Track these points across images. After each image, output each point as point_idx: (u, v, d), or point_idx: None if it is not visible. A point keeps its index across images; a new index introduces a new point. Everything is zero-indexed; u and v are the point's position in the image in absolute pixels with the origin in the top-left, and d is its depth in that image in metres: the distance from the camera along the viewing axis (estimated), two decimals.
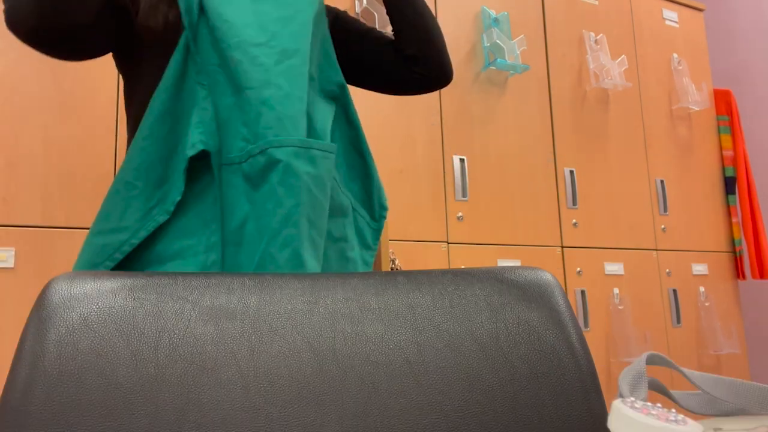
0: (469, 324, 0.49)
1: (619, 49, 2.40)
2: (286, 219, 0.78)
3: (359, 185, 0.96)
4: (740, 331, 2.46)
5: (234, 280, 0.49)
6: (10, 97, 1.39)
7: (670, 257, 2.35)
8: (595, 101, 2.30)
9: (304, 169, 0.79)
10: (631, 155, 2.35)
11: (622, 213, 2.27)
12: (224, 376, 0.43)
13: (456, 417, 0.45)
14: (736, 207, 2.57)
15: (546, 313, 0.51)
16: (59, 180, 1.40)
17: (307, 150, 0.80)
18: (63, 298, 0.44)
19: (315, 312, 0.48)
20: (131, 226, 0.80)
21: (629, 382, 0.46)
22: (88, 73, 1.47)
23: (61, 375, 0.41)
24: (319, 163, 0.81)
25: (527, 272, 0.53)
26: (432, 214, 1.87)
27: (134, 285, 0.46)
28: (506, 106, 2.10)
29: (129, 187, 0.81)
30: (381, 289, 0.51)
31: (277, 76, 0.82)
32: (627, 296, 2.18)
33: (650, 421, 0.35)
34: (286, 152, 0.79)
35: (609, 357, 2.09)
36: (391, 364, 0.46)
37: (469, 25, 2.08)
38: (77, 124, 1.45)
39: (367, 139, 0.99)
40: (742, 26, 3.03)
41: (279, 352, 0.45)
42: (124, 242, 0.80)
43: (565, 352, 0.49)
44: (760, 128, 2.91)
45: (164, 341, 0.44)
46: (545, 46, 2.23)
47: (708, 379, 0.47)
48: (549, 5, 2.26)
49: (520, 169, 2.08)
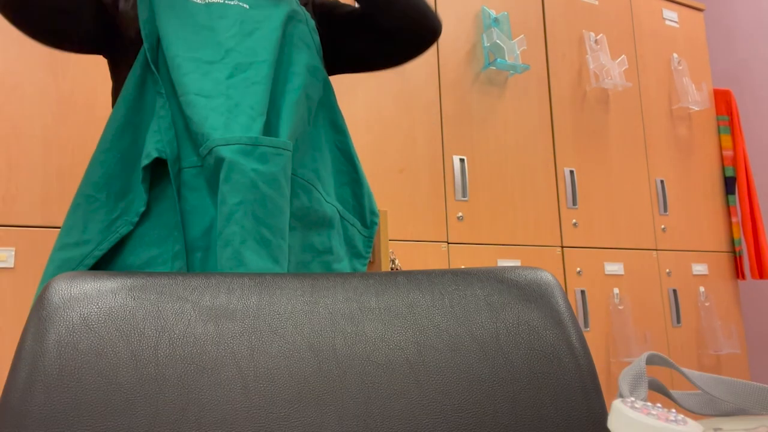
0: (469, 324, 0.49)
1: (619, 49, 2.40)
2: (228, 217, 0.76)
3: (348, 192, 0.95)
4: (740, 331, 2.46)
5: (234, 280, 0.49)
6: (10, 96, 1.39)
7: (670, 257, 2.35)
8: (595, 101, 2.30)
9: (251, 167, 0.77)
10: (631, 155, 2.35)
11: (622, 213, 2.27)
12: (224, 376, 0.43)
13: (456, 417, 0.45)
14: (736, 207, 2.57)
15: (546, 313, 0.51)
16: (59, 180, 1.40)
17: (255, 147, 0.78)
18: (63, 298, 0.44)
19: (315, 312, 0.48)
20: (94, 239, 0.79)
21: (629, 382, 0.46)
22: (88, 73, 1.47)
23: (61, 375, 0.41)
24: (271, 159, 0.79)
25: (527, 272, 0.53)
26: (432, 214, 1.87)
27: (134, 285, 0.46)
28: (506, 106, 2.10)
29: (90, 200, 0.81)
30: (381, 289, 0.51)
31: (228, 88, 0.82)
32: (627, 296, 2.18)
33: (650, 421, 0.35)
34: (232, 150, 0.77)
35: (609, 357, 2.09)
36: (391, 364, 0.46)
37: (469, 25, 2.08)
38: (77, 124, 1.45)
39: (368, 139, 0.98)
40: (742, 26, 3.03)
41: (279, 352, 0.45)
42: (86, 255, 0.79)
43: (565, 352, 0.49)
44: (760, 128, 2.91)
45: (164, 341, 0.44)
46: (545, 46, 2.23)
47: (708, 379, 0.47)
48: (549, 5, 2.26)
49: (520, 169, 2.08)
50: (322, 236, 0.88)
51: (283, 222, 0.80)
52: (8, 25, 0.84)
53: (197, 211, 0.80)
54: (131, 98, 0.83)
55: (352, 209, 0.95)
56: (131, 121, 0.83)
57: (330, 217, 0.90)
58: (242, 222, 0.76)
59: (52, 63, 1.44)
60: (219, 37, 0.85)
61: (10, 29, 1.39)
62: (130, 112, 0.83)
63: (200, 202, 0.80)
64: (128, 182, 0.82)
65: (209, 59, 0.83)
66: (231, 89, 0.82)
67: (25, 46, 1.42)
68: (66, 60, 1.45)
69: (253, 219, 0.76)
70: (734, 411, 0.49)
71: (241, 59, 0.84)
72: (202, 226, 0.80)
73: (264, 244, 0.77)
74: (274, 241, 0.78)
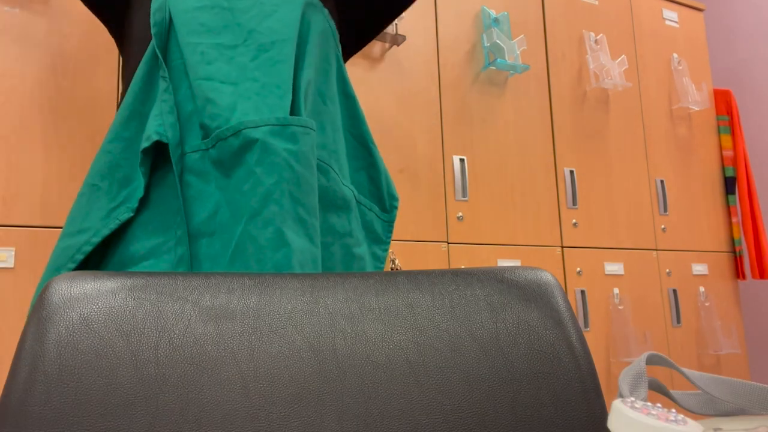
0: (469, 324, 0.49)
1: (619, 49, 2.40)
2: (266, 197, 0.75)
3: (365, 176, 0.93)
4: (740, 331, 2.46)
5: (234, 280, 0.49)
6: (10, 97, 1.39)
7: (670, 257, 2.35)
8: (595, 101, 2.30)
9: (284, 146, 0.77)
10: (631, 155, 2.35)
11: (622, 213, 2.27)
12: (224, 376, 0.43)
13: (456, 417, 0.45)
14: (736, 207, 2.57)
15: (546, 313, 0.51)
16: (59, 180, 1.40)
17: (284, 127, 0.78)
18: (63, 298, 0.44)
19: (315, 312, 0.48)
20: (93, 226, 0.78)
21: (629, 382, 0.46)
22: (88, 73, 1.47)
23: (61, 375, 0.41)
24: (300, 139, 0.78)
25: (527, 272, 0.53)
26: (432, 213, 1.87)
27: (134, 285, 0.46)
28: (506, 106, 2.10)
29: (93, 189, 0.80)
30: (381, 289, 0.51)
31: (253, 70, 0.81)
32: (627, 296, 2.18)
33: (650, 421, 0.35)
34: (263, 131, 0.76)
35: (609, 357, 2.09)
36: (391, 364, 0.46)
37: (469, 25, 2.08)
38: (77, 124, 1.45)
39: None
40: (742, 26, 3.03)
41: (279, 352, 0.45)
42: (84, 242, 0.77)
43: (565, 352, 0.49)
44: (760, 128, 2.91)
45: (164, 341, 0.44)
46: (545, 46, 2.23)
47: (708, 379, 0.47)
48: (549, 5, 2.26)
49: (520, 169, 2.08)
50: (342, 219, 0.87)
51: (315, 201, 0.80)
52: (8, 25, 0.83)
53: (201, 196, 0.79)
54: (138, 88, 0.83)
55: (369, 194, 0.93)
56: (138, 111, 0.82)
57: (348, 200, 0.89)
58: (281, 201, 0.75)
59: (52, 63, 1.44)
60: (239, 18, 0.85)
61: (10, 29, 1.39)
62: (137, 102, 0.82)
63: (204, 187, 0.79)
64: (132, 170, 0.81)
65: (232, 43, 0.83)
66: (256, 71, 0.81)
67: (25, 46, 1.42)
68: (66, 60, 1.45)
69: (290, 198, 0.76)
70: (734, 411, 0.49)
71: (263, 39, 0.84)
72: (206, 211, 0.78)
73: (301, 223, 0.77)
74: (309, 220, 0.78)
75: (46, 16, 1.45)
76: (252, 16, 0.85)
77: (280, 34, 0.85)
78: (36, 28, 1.43)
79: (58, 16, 1.46)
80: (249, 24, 0.84)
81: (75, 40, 1.47)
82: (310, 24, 0.90)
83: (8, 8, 1.39)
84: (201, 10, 0.84)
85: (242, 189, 0.76)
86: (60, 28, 1.46)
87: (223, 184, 0.78)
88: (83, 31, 1.48)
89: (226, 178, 0.78)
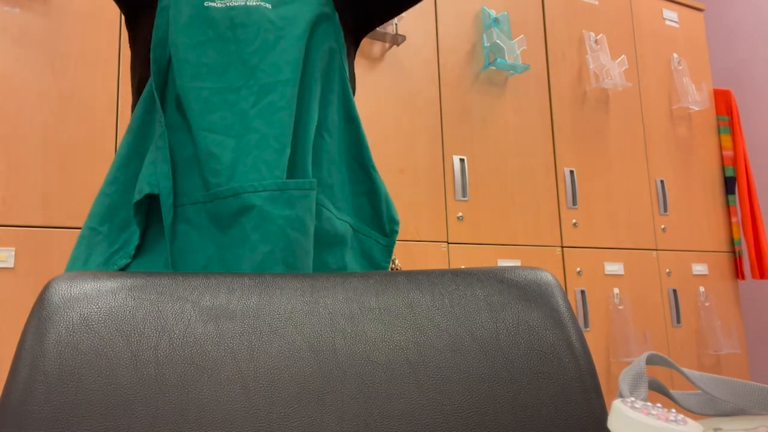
0: (469, 324, 0.49)
1: (619, 49, 2.40)
2: (260, 265, 0.76)
3: (365, 201, 0.93)
4: (740, 331, 2.46)
5: (234, 280, 0.49)
6: (10, 97, 1.39)
7: (670, 257, 2.35)
8: (595, 101, 2.30)
9: (280, 213, 0.77)
10: (631, 155, 2.35)
11: (622, 213, 2.27)
12: (224, 376, 0.43)
13: (456, 417, 0.45)
14: (735, 207, 2.57)
15: (546, 313, 0.51)
16: (59, 180, 1.40)
17: (283, 192, 0.78)
18: (63, 298, 0.44)
19: (315, 312, 0.48)
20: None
21: (629, 382, 0.46)
22: (88, 73, 1.47)
23: (61, 375, 0.41)
24: (297, 204, 0.79)
25: (527, 272, 0.53)
26: (432, 214, 1.87)
27: (134, 285, 0.46)
28: (506, 106, 2.10)
29: (94, 233, 0.81)
30: (381, 289, 0.51)
31: (254, 119, 0.80)
32: (627, 296, 2.18)
33: (650, 421, 0.35)
34: (261, 197, 0.77)
35: (609, 357, 2.09)
36: (391, 364, 0.46)
37: (469, 25, 2.08)
38: (77, 124, 1.45)
39: (368, 139, 0.97)
40: (742, 26, 3.03)
41: (279, 352, 0.45)
42: None
43: (565, 351, 0.49)
44: (760, 128, 2.91)
45: (164, 341, 0.44)
46: (545, 46, 2.23)
47: (708, 379, 0.47)
48: (549, 5, 2.26)
49: (520, 169, 2.08)
50: (335, 254, 0.87)
51: (309, 261, 0.81)
52: (8, 25, 0.83)
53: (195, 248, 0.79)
54: (137, 126, 0.82)
55: (369, 219, 0.93)
56: (137, 151, 0.82)
57: (342, 234, 0.88)
58: (273, 269, 0.77)
59: (52, 63, 1.44)
60: (243, 52, 0.82)
61: (10, 29, 1.39)
62: (137, 141, 0.82)
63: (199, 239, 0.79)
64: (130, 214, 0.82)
65: (236, 85, 0.81)
66: (256, 119, 0.80)
67: (25, 46, 1.42)
68: (66, 60, 1.45)
69: (283, 265, 0.77)
70: (734, 411, 0.49)
71: (266, 79, 0.82)
72: (198, 264, 0.79)
73: None
74: None
75: (46, 16, 1.45)
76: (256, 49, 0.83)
77: (283, 73, 0.82)
78: (36, 28, 1.43)
79: (58, 16, 1.46)
80: (252, 59, 0.82)
81: (75, 40, 1.47)
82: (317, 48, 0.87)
83: (8, 8, 1.39)
84: (205, 45, 0.82)
85: (236, 251, 0.77)
86: (60, 28, 1.46)
87: (218, 240, 0.79)
88: (83, 31, 1.48)
89: (221, 234, 0.79)
